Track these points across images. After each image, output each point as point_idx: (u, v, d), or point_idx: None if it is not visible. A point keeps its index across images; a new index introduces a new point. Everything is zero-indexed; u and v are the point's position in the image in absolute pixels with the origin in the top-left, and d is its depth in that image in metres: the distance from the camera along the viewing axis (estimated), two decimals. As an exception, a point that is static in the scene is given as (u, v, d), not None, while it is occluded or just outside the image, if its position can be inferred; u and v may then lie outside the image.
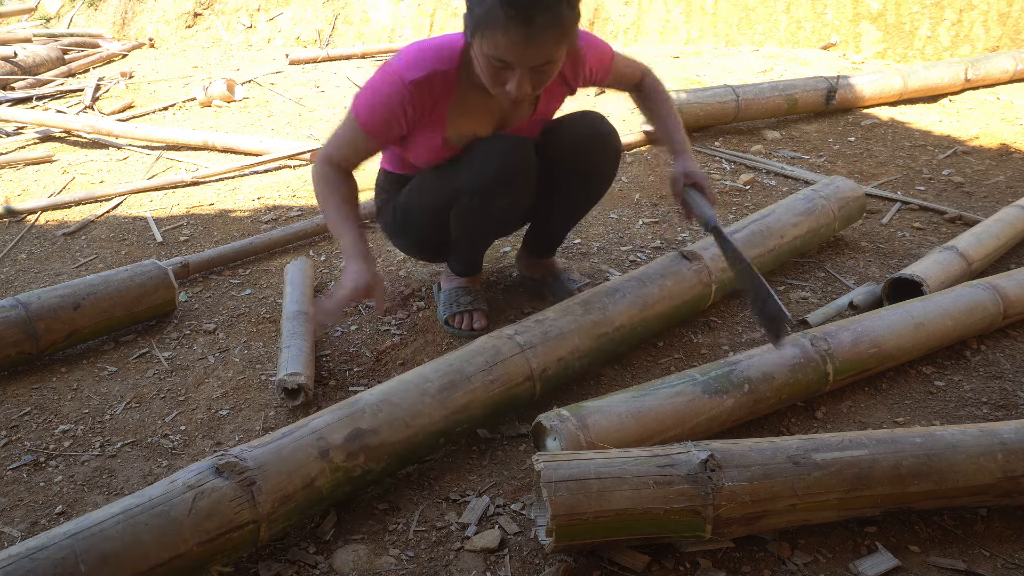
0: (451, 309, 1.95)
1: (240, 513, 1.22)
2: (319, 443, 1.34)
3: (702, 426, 1.49)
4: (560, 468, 1.22)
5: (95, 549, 1.12)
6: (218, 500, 1.21)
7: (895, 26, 4.72)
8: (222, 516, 1.21)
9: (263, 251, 2.40)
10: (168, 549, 1.16)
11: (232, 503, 1.22)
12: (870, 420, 1.65)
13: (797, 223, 2.16)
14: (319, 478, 1.32)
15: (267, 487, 1.26)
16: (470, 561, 1.31)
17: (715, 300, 1.96)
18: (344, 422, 1.38)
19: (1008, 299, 1.87)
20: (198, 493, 1.20)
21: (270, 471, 1.27)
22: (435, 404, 1.46)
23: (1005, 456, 1.33)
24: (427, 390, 1.47)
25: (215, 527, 1.20)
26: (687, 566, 1.28)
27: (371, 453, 1.38)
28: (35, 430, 1.67)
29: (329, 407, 1.44)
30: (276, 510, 1.27)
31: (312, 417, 1.40)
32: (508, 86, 1.48)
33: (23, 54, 4.45)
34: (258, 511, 1.24)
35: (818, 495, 1.28)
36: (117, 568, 1.12)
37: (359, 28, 5.30)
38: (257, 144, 3.26)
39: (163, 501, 1.19)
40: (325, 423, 1.38)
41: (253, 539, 1.26)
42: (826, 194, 2.28)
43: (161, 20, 5.46)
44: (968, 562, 1.30)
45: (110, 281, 1.95)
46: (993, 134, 3.43)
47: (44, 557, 1.10)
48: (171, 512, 1.18)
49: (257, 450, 1.30)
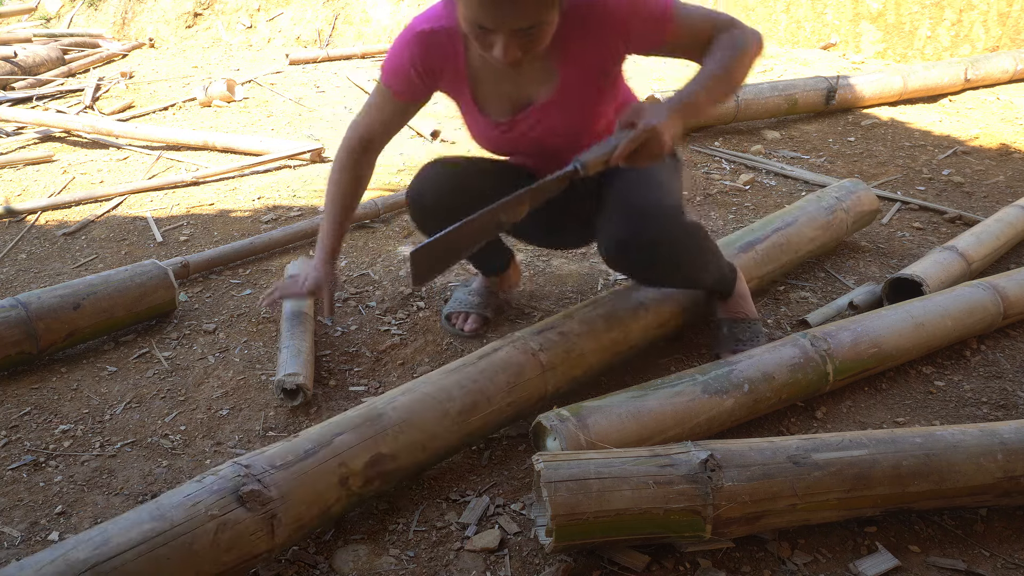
0: (453, 307, 1.96)
1: (258, 545, 1.21)
2: (340, 470, 1.31)
3: (702, 426, 1.49)
4: (560, 468, 1.22)
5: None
6: (240, 533, 1.18)
7: (895, 26, 4.72)
8: (241, 549, 1.19)
9: (263, 251, 2.40)
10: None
11: (252, 536, 1.20)
12: (870, 420, 1.65)
13: (814, 238, 2.15)
14: (335, 505, 1.31)
15: (287, 519, 1.23)
16: (470, 561, 1.31)
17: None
18: (367, 445, 1.35)
19: (1008, 299, 1.87)
20: (220, 524, 1.17)
21: (292, 501, 1.24)
22: (453, 426, 1.45)
23: (1005, 456, 1.33)
24: (449, 411, 1.45)
25: (233, 559, 1.18)
26: (687, 566, 1.28)
27: (386, 478, 1.37)
28: (35, 430, 1.67)
29: (352, 420, 1.38)
30: (290, 538, 1.26)
31: (335, 429, 1.35)
32: (495, 51, 1.38)
33: (23, 54, 4.45)
34: (275, 542, 1.23)
35: (818, 495, 1.28)
36: None
37: (359, 28, 5.30)
38: (257, 144, 3.26)
39: (186, 531, 1.15)
40: (347, 445, 1.33)
41: (262, 562, 1.25)
42: (847, 206, 2.25)
43: (161, 20, 5.46)
44: (968, 562, 1.30)
45: (110, 281, 1.95)
46: (993, 134, 3.43)
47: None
48: (193, 545, 1.14)
49: (280, 473, 1.25)
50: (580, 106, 1.59)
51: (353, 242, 2.47)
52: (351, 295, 2.16)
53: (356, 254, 2.40)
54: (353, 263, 2.34)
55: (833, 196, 2.28)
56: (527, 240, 2.00)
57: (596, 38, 1.50)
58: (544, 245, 2.04)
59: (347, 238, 2.49)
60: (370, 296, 2.15)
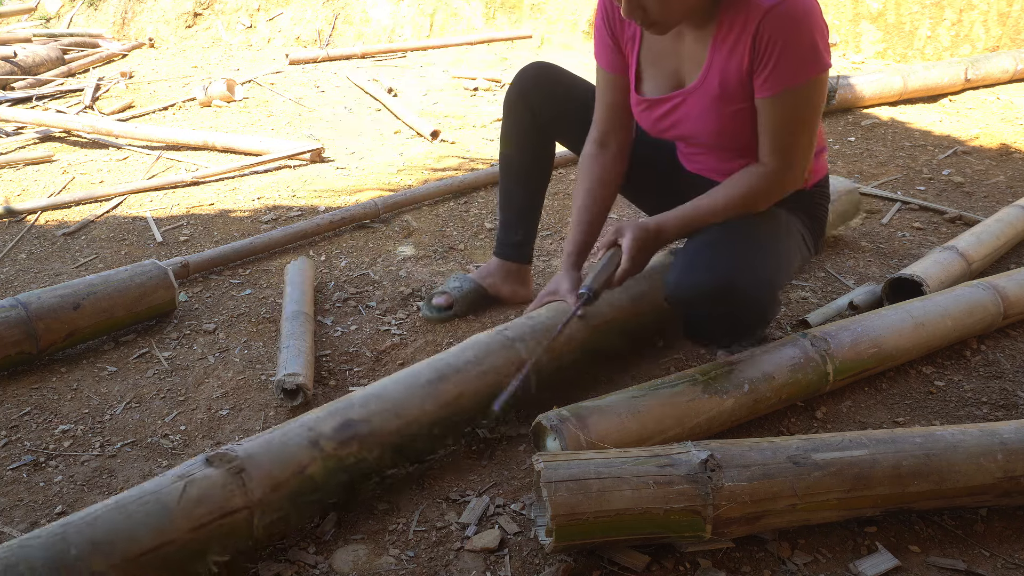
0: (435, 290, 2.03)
1: (231, 500, 1.24)
2: (309, 433, 1.36)
3: (702, 426, 1.49)
4: (560, 468, 1.22)
5: (85, 534, 1.14)
6: (208, 487, 1.23)
7: (895, 26, 4.72)
8: (212, 502, 1.22)
9: (263, 251, 2.40)
10: (159, 535, 1.17)
11: (223, 489, 1.24)
12: (870, 420, 1.65)
13: None
14: (311, 466, 1.33)
15: (257, 474, 1.27)
16: (470, 561, 1.31)
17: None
18: (334, 415, 1.40)
19: (1008, 299, 1.87)
20: (188, 482, 1.22)
21: (260, 459, 1.29)
22: (425, 395, 1.48)
23: (1005, 456, 1.33)
24: (416, 383, 1.49)
25: (206, 512, 1.21)
26: (687, 566, 1.28)
27: (363, 442, 1.39)
28: (35, 430, 1.67)
29: (320, 405, 1.47)
30: (268, 496, 1.28)
31: (303, 414, 1.42)
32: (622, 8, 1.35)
33: (23, 54, 4.45)
34: (249, 497, 1.25)
35: (818, 495, 1.28)
36: (107, 552, 1.14)
37: (359, 28, 5.30)
38: (257, 144, 3.26)
39: (154, 490, 1.22)
40: (314, 417, 1.40)
41: (247, 527, 1.26)
42: None
43: (161, 20, 5.46)
44: (968, 562, 1.30)
45: (110, 281, 1.95)
46: (993, 134, 3.43)
47: (35, 544, 1.12)
48: (161, 499, 1.20)
49: (247, 443, 1.33)
50: (720, 104, 1.46)
51: (353, 242, 2.47)
52: (351, 295, 2.16)
53: (356, 254, 2.40)
54: (353, 263, 2.34)
55: None
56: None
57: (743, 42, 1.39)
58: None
59: (347, 238, 2.49)
60: (370, 296, 2.15)
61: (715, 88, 1.45)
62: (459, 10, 5.21)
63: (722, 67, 1.43)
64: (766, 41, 1.35)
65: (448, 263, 2.32)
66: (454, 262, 2.33)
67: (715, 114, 1.47)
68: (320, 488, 1.35)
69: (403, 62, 4.76)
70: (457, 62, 4.71)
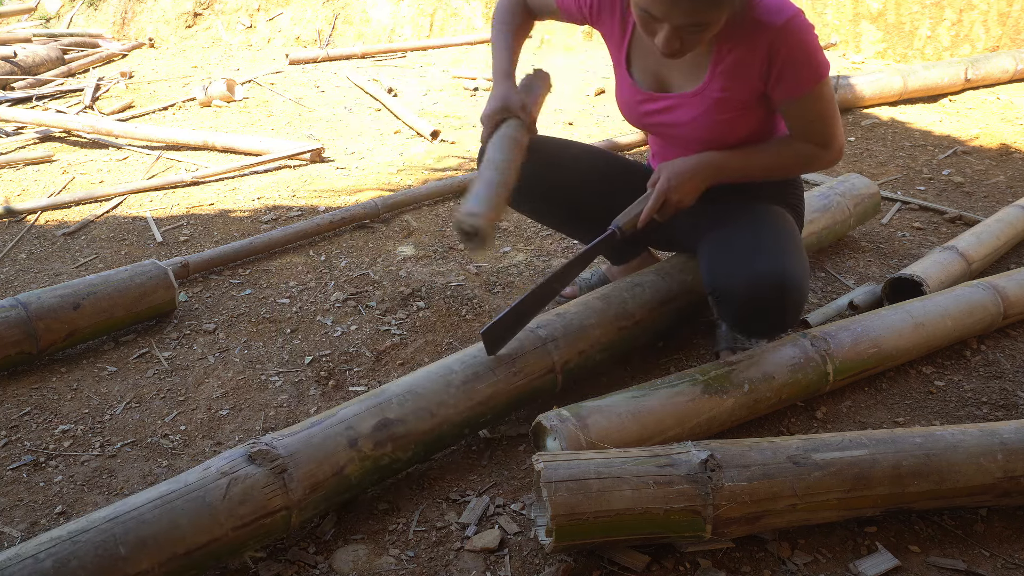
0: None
1: (273, 500, 1.25)
2: (348, 432, 1.36)
3: (702, 426, 1.49)
4: (560, 468, 1.22)
5: (134, 532, 1.15)
6: (251, 487, 1.24)
7: (895, 26, 4.72)
8: (255, 502, 1.24)
9: (263, 251, 2.40)
10: (204, 533, 1.19)
11: (265, 490, 1.25)
12: (870, 420, 1.65)
13: (812, 219, 2.15)
14: (348, 466, 1.34)
15: (298, 475, 1.28)
16: (470, 561, 1.31)
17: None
18: (372, 412, 1.40)
19: (1008, 299, 1.87)
20: (232, 480, 1.23)
21: (301, 459, 1.30)
22: (460, 395, 1.48)
23: (1005, 456, 1.33)
24: (452, 381, 1.49)
25: (249, 512, 1.23)
26: (687, 566, 1.28)
27: (398, 442, 1.40)
28: (35, 430, 1.67)
29: (356, 398, 1.46)
30: (307, 497, 1.29)
31: (340, 407, 1.42)
32: (656, 39, 1.40)
33: (23, 54, 4.45)
34: (290, 498, 1.27)
35: (818, 495, 1.28)
36: (156, 550, 1.16)
37: (359, 28, 5.30)
38: (257, 144, 3.26)
39: (198, 487, 1.22)
40: (353, 413, 1.40)
41: (285, 525, 1.28)
42: (842, 191, 2.28)
43: (161, 20, 5.46)
44: (968, 562, 1.30)
45: (110, 281, 1.95)
46: (993, 134, 3.43)
47: (85, 540, 1.13)
48: (206, 498, 1.21)
49: (288, 439, 1.33)
50: (714, 113, 1.57)
51: (353, 242, 2.47)
52: (351, 295, 2.16)
53: (356, 254, 2.40)
54: (353, 263, 2.34)
55: (825, 186, 2.32)
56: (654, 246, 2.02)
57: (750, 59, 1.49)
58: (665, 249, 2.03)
59: (347, 238, 2.49)
60: (370, 296, 2.15)
61: (714, 97, 1.55)
62: (459, 10, 5.21)
63: (726, 80, 1.53)
64: (784, 55, 1.47)
65: (448, 263, 2.32)
66: (454, 262, 2.33)
67: (707, 120, 1.58)
68: (353, 487, 1.37)
69: (403, 62, 4.76)
70: (457, 62, 4.71)
